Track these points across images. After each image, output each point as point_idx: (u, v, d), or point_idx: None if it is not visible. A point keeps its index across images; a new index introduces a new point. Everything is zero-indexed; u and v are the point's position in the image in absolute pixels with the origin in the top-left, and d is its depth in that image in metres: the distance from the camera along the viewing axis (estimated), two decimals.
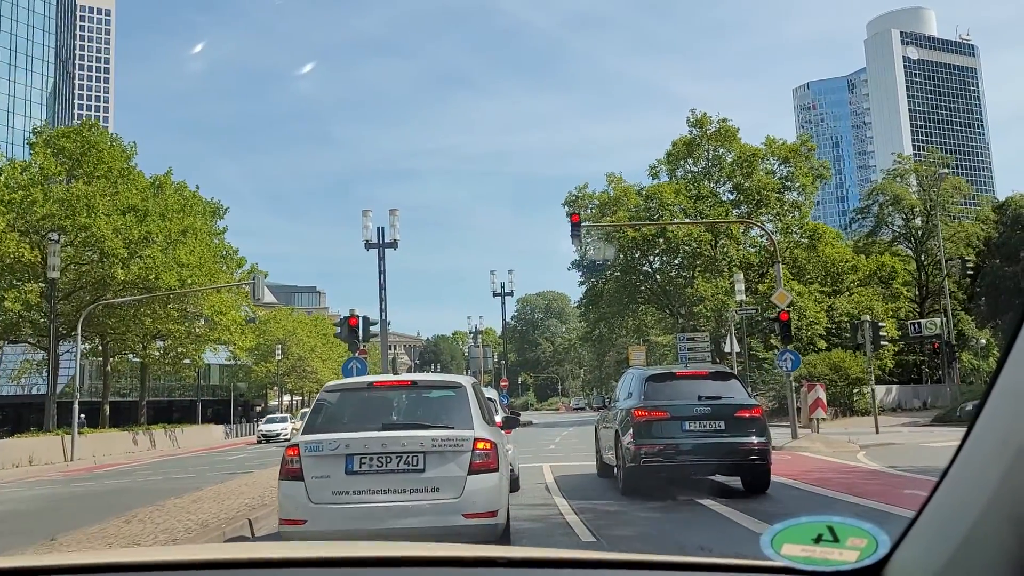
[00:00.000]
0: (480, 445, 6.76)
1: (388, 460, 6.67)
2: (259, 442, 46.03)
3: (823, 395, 21.94)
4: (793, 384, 23.67)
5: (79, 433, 32.78)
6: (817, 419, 21.39)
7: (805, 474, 14.20)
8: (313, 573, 1.51)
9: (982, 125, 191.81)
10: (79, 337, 34.35)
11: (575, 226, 24.89)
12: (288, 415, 53.34)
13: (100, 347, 41.94)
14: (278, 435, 45.30)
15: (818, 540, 1.21)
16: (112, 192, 36.58)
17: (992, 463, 1.03)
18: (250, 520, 9.49)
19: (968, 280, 50.49)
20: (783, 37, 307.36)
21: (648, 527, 9.22)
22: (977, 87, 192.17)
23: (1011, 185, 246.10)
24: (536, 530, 8.91)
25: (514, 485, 10.57)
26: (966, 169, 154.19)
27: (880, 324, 26.99)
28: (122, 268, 34.99)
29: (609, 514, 10.00)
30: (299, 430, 7.25)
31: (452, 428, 6.90)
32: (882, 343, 26.76)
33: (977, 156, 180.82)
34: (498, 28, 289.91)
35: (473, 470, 6.67)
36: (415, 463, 6.67)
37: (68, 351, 42.02)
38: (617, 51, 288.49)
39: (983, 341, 56.17)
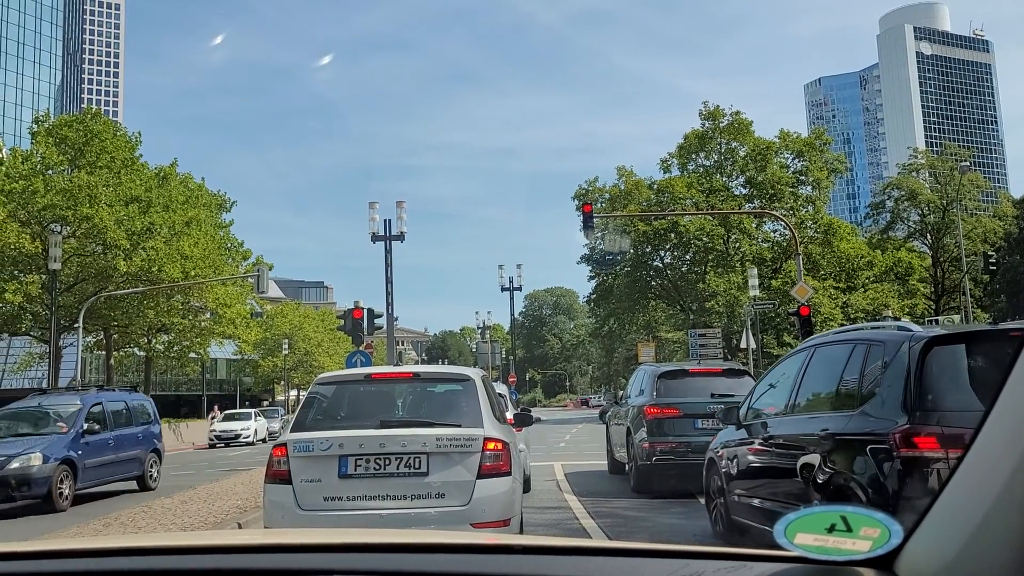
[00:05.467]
0: (491, 445, 6.00)
1: (387, 462, 5.92)
2: (211, 446, 36.92)
3: None
4: None
5: None
6: None
7: None
8: (326, 559, 1.44)
9: (996, 122, 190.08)
10: (80, 330, 33.75)
11: (587, 217, 24.17)
12: (254, 411, 43.69)
13: (104, 340, 41.37)
14: (238, 437, 36.95)
15: (831, 530, 1.21)
16: (115, 182, 35.93)
17: (1005, 454, 1.05)
18: (239, 524, 8.78)
19: (988, 276, 49.54)
20: (793, 32, 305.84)
21: (661, 526, 8.99)
22: (991, 83, 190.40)
23: None
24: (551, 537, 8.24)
25: (525, 485, 9.92)
26: (979, 166, 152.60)
27: (901, 320, 26.14)
28: (124, 260, 34.33)
29: (623, 517, 9.79)
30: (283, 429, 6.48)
31: (459, 426, 6.13)
32: None
33: (991, 153, 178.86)
34: (504, 24, 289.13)
35: (483, 474, 5.92)
36: (417, 466, 5.92)
37: (71, 344, 41.48)
38: (624, 47, 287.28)
39: None
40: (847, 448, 5.33)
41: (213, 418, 43.81)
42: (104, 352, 42.79)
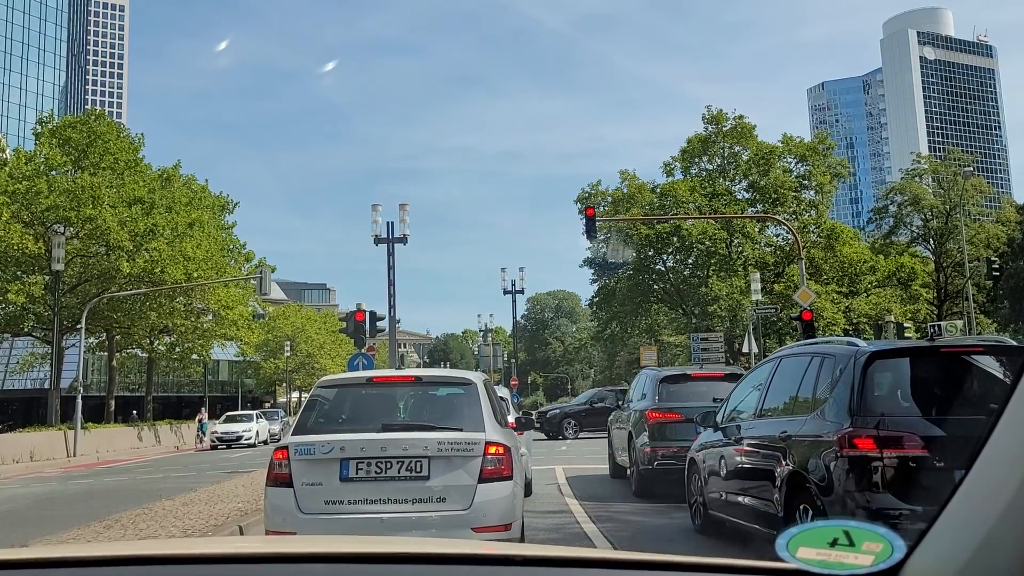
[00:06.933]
0: (492, 450, 5.99)
1: (388, 465, 5.90)
2: (213, 447, 37.35)
3: None
4: None
5: (82, 428, 32.23)
6: None
7: None
8: (326, 569, 1.45)
9: (1000, 127, 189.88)
10: (83, 331, 33.77)
11: (590, 220, 24.15)
12: (255, 412, 43.88)
13: (106, 341, 41.42)
14: (239, 438, 37.19)
15: (833, 544, 1.20)
16: (118, 184, 35.97)
17: (1010, 469, 1.04)
18: (240, 527, 8.77)
19: (991, 282, 49.38)
20: (797, 37, 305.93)
21: (662, 530, 8.97)
22: (995, 88, 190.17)
23: None
24: (552, 542, 8.22)
25: (527, 489, 9.91)
26: (983, 171, 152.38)
27: (904, 326, 26.15)
28: (127, 261, 34.37)
29: (625, 521, 9.72)
30: (283, 431, 6.50)
31: (461, 430, 6.12)
32: None
33: (994, 158, 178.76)
34: (510, 28, 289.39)
35: (484, 478, 5.91)
36: (418, 469, 5.91)
37: (73, 345, 41.51)
38: (629, 52, 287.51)
39: None
40: (802, 448, 5.95)
41: (200, 420, 43.78)
42: (106, 353, 42.85)
